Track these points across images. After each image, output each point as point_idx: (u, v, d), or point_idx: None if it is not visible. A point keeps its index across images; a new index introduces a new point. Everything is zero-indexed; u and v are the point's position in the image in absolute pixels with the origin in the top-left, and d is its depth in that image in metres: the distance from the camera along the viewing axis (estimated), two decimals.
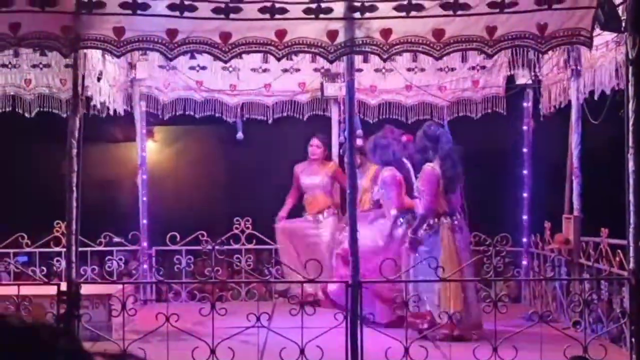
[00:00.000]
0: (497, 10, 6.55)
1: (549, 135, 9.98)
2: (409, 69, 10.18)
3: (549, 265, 9.11)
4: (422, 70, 10.24)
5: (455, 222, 8.32)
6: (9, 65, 9.79)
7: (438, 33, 6.66)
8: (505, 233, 8.49)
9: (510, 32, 6.63)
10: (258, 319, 6.83)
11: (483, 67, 10.21)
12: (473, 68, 10.24)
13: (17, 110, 10.02)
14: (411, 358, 6.70)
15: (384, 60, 7.14)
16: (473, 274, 8.20)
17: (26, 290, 7.20)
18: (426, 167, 8.38)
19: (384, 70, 10.31)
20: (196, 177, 10.36)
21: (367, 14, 6.68)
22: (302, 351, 6.70)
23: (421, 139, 8.56)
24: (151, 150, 11.26)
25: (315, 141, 10.32)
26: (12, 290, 7.14)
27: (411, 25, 6.70)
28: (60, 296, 6.78)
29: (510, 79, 10.29)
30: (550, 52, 7.80)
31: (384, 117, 10.62)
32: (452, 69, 10.28)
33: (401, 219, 8.87)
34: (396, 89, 10.55)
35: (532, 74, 9.92)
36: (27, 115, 10.03)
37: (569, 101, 9.07)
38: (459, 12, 6.62)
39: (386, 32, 6.69)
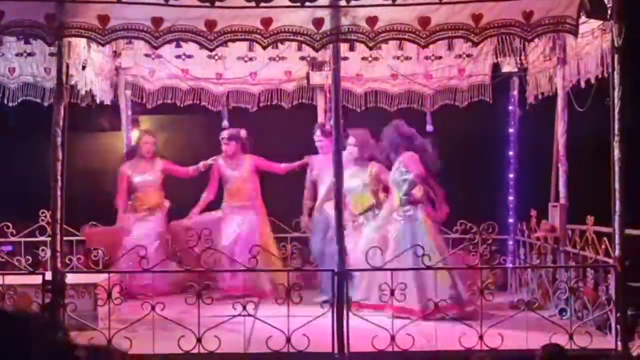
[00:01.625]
0: None
1: (535, 123, 9.98)
2: (395, 57, 10.16)
3: (535, 253, 9.14)
4: (408, 58, 10.21)
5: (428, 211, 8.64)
6: None
7: (424, 21, 6.66)
8: (491, 221, 8.49)
9: (496, 20, 6.63)
10: (244, 307, 6.82)
11: (469, 55, 10.20)
12: (459, 56, 10.22)
13: (1, 99, 9.96)
14: (397, 345, 6.70)
15: (370, 49, 7.12)
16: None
17: (11, 279, 7.18)
18: (405, 153, 8.66)
19: (370, 59, 10.28)
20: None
21: (353, 2, 6.69)
22: (288, 339, 6.70)
23: (395, 136, 8.77)
24: (137, 139, 11.21)
25: (224, 133, 10.27)
26: None
27: (397, 13, 6.70)
28: (46, 285, 6.76)
29: (496, 67, 10.28)
30: (536, 40, 7.79)
31: (370, 105, 10.60)
32: (438, 57, 10.25)
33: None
34: (382, 78, 10.53)
35: (518, 62, 9.92)
36: (10, 104, 9.96)
37: (555, 89, 9.07)
38: (445, 0, 6.62)
39: (372, 20, 6.68)
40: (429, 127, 10.37)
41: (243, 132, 10.15)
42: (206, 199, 10.18)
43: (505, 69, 10.05)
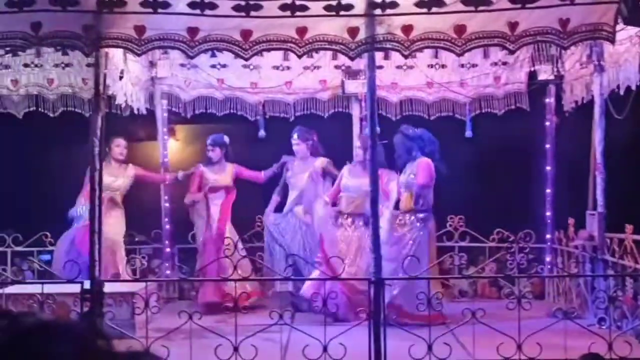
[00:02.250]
0: (519, 5, 6.50)
1: (572, 131, 9.91)
2: (430, 66, 10.14)
3: (573, 262, 9.06)
4: (444, 66, 10.20)
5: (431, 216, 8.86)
6: (32, 65, 9.85)
7: (459, 29, 6.63)
8: (529, 229, 8.44)
9: (532, 28, 6.58)
10: (281, 316, 6.82)
11: (505, 63, 10.16)
12: (495, 64, 10.19)
13: (40, 109, 10.08)
14: (435, 355, 6.67)
15: (405, 57, 7.11)
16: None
17: (50, 288, 7.23)
18: (421, 159, 8.80)
19: (405, 67, 10.28)
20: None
21: (388, 11, 6.66)
22: (325, 348, 6.69)
23: (403, 141, 8.94)
24: (173, 149, 11.28)
25: (209, 139, 10.29)
26: (36, 289, 7.17)
27: (432, 21, 6.67)
28: (84, 294, 6.80)
29: (532, 75, 10.23)
30: (572, 48, 7.73)
31: (405, 114, 10.58)
32: (474, 65, 10.23)
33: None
34: (417, 86, 10.52)
35: (555, 69, 9.87)
36: (50, 114, 10.08)
37: (592, 97, 9.00)
38: (481, 8, 6.59)
39: (407, 29, 6.66)
40: (468, 133, 10.35)
41: (226, 139, 10.13)
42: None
43: (542, 76, 10.00)
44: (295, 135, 9.94)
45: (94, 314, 6.69)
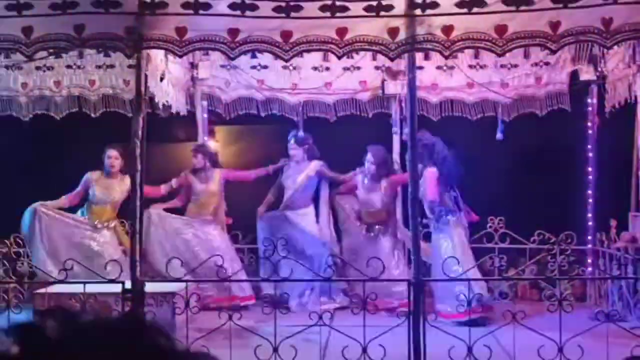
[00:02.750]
0: (561, 5, 6.45)
1: (614, 132, 9.81)
2: (470, 66, 10.09)
3: (615, 264, 8.97)
4: (484, 67, 10.15)
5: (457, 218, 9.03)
6: (74, 67, 9.96)
7: (500, 29, 6.59)
8: (570, 231, 8.37)
9: (574, 27, 6.52)
10: (320, 317, 6.82)
11: (546, 63, 10.08)
12: (536, 64, 10.11)
13: (82, 110, 10.18)
14: (475, 357, 6.63)
15: (446, 58, 7.08)
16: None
17: (92, 288, 7.29)
18: (426, 171, 9.07)
19: (445, 68, 10.24)
20: (259, 177, 10.35)
21: (429, 11, 6.64)
22: (364, 350, 6.68)
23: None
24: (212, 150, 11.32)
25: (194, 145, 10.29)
26: (78, 288, 7.23)
27: (473, 21, 6.64)
28: (125, 294, 6.85)
29: (574, 75, 10.14)
30: (615, 47, 7.65)
31: (445, 114, 10.54)
32: (515, 66, 10.16)
33: None
34: (458, 87, 10.47)
35: (597, 69, 9.78)
36: (92, 115, 10.18)
37: (635, 97, 8.91)
38: (522, 8, 6.54)
39: (448, 29, 6.64)
40: (499, 135, 10.29)
41: (210, 145, 10.08)
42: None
43: (584, 76, 9.91)
44: (292, 140, 10.08)
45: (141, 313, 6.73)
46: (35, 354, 1.04)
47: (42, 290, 7.34)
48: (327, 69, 10.36)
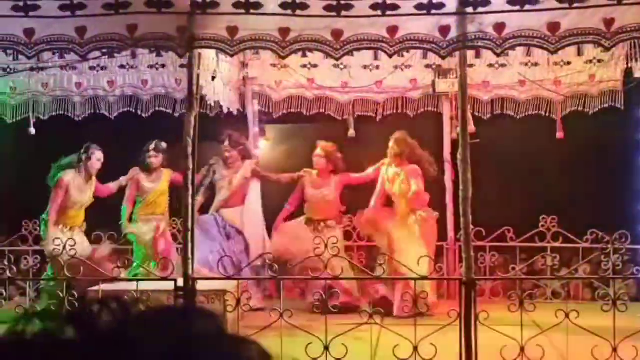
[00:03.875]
0: (615, 1, 6.37)
1: None
2: (522, 64, 10.01)
3: None
4: (537, 64, 10.05)
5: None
6: (127, 66, 10.06)
7: (553, 26, 6.52)
8: (624, 230, 8.27)
9: (629, 24, 6.44)
10: (371, 316, 6.82)
11: (600, 61, 9.96)
12: (589, 61, 10.00)
13: (133, 110, 10.28)
14: (527, 357, 6.59)
15: (498, 55, 7.03)
16: None
17: (144, 285, 7.36)
18: (411, 167, 9.61)
19: (497, 66, 10.17)
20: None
21: (480, 9, 6.59)
22: (415, 348, 6.66)
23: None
24: (263, 148, 11.37)
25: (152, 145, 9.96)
26: (131, 286, 7.31)
27: (525, 19, 6.58)
28: (178, 291, 6.90)
29: (628, 72, 10.01)
30: None
31: (496, 112, 10.47)
32: (568, 63, 10.05)
33: None
34: (509, 84, 10.39)
35: None
36: (143, 115, 10.28)
37: None
38: (575, 5, 6.47)
39: (499, 27, 6.59)
40: (559, 134, 10.20)
41: (164, 144, 9.96)
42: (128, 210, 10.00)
43: (638, 74, 9.77)
44: (226, 142, 9.98)
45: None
46: (90, 339, 1.06)
47: (96, 288, 7.42)
48: (378, 67, 10.34)
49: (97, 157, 9.47)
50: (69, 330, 1.07)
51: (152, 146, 9.82)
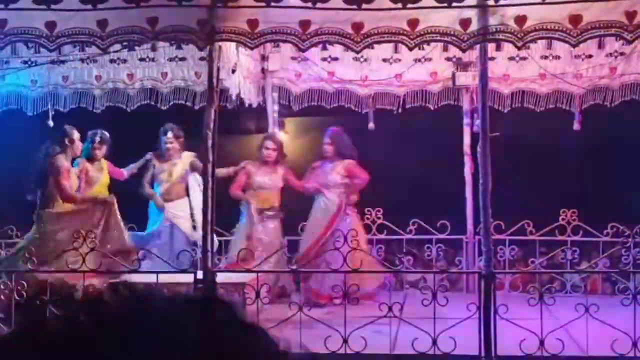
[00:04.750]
0: None
1: None
2: (543, 57, 9.96)
3: None
4: (558, 57, 9.99)
5: None
6: (147, 59, 10.08)
7: (575, 19, 6.50)
8: None
9: None
10: (390, 309, 6.83)
11: (622, 54, 9.89)
12: (611, 55, 9.94)
13: (152, 102, 10.29)
14: (546, 350, 6.58)
15: (518, 48, 7.02)
16: None
17: (164, 278, 7.39)
18: (350, 161, 9.81)
19: (517, 59, 10.12)
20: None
21: (501, 1, 6.58)
22: (434, 341, 6.67)
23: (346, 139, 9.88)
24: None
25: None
26: (151, 278, 7.34)
27: (547, 11, 6.56)
28: (197, 284, 6.93)
29: None
30: None
31: (516, 106, 10.43)
32: (589, 56, 9.98)
33: None
34: (530, 77, 10.32)
35: None
36: (163, 107, 10.30)
37: None
38: None
39: (521, 19, 6.57)
40: (576, 126, 10.16)
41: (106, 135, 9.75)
42: None
43: None
44: (169, 134, 9.82)
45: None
46: (102, 323, 1.07)
47: (116, 281, 7.45)
48: (398, 60, 10.31)
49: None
50: (85, 317, 1.08)
51: (96, 137, 9.62)
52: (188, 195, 9.97)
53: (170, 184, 9.93)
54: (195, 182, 9.78)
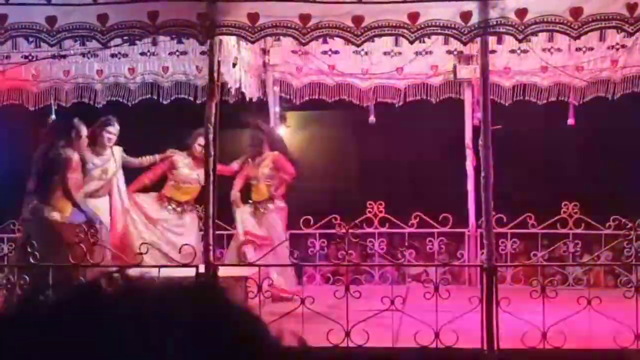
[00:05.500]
0: None
1: None
2: (544, 50, 9.94)
3: None
4: (559, 50, 9.97)
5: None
6: (148, 54, 10.07)
7: (576, 11, 6.48)
8: None
9: None
10: (392, 302, 6.83)
11: (623, 46, 9.87)
12: (612, 47, 9.91)
13: (154, 97, 10.29)
14: (549, 342, 6.58)
15: (519, 41, 7.02)
16: None
17: (166, 272, 7.38)
18: (275, 154, 9.66)
19: (518, 51, 10.10)
20: (328, 162, 10.40)
21: None
22: (436, 335, 6.67)
23: (258, 133, 9.79)
24: (284, 135, 11.37)
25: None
26: (152, 272, 7.33)
27: (547, 4, 6.55)
28: (199, 278, 6.92)
29: None
30: None
31: (518, 99, 10.42)
32: (590, 49, 9.96)
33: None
34: (531, 70, 10.31)
35: None
36: (164, 101, 10.29)
37: None
38: None
39: (521, 12, 6.56)
40: (570, 121, 10.13)
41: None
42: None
43: None
44: (116, 125, 9.45)
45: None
46: (97, 309, 1.08)
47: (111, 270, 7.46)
48: (399, 53, 10.29)
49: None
50: (80, 303, 1.09)
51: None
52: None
53: (104, 181, 9.54)
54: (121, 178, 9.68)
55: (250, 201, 9.66)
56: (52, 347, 1.05)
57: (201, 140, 9.53)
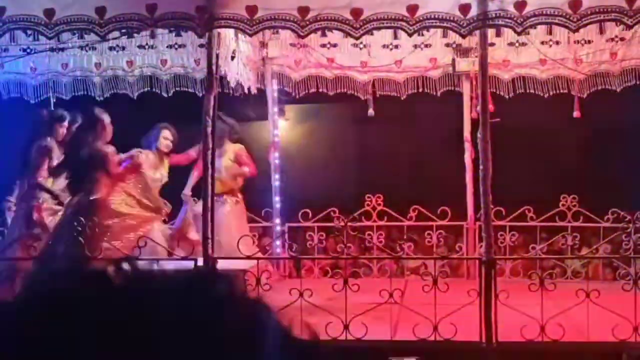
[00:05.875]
0: None
1: None
2: (543, 42, 9.93)
3: None
4: (557, 43, 9.96)
5: None
6: (146, 46, 10.05)
7: (575, 4, 6.47)
8: None
9: None
10: (391, 295, 6.83)
11: (622, 39, 9.86)
12: (611, 40, 9.90)
13: (154, 90, 10.28)
14: (547, 335, 6.58)
15: (518, 34, 7.01)
16: None
17: (165, 265, 7.39)
18: (237, 146, 9.82)
19: (517, 44, 10.09)
20: (327, 155, 10.39)
21: None
22: (435, 327, 6.67)
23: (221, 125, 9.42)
24: (282, 128, 11.37)
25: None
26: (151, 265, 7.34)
27: None
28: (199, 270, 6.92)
29: None
30: None
31: (518, 92, 10.40)
32: (589, 41, 9.95)
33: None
34: (530, 63, 10.29)
35: None
36: (164, 95, 10.28)
37: None
38: None
39: (520, 5, 6.55)
40: (576, 114, 10.13)
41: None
42: None
43: None
44: (67, 121, 9.38)
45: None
46: (104, 297, 1.08)
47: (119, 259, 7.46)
48: (397, 46, 10.28)
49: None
50: (88, 289, 1.09)
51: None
52: None
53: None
54: None
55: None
56: (60, 335, 1.05)
57: (166, 134, 9.47)
